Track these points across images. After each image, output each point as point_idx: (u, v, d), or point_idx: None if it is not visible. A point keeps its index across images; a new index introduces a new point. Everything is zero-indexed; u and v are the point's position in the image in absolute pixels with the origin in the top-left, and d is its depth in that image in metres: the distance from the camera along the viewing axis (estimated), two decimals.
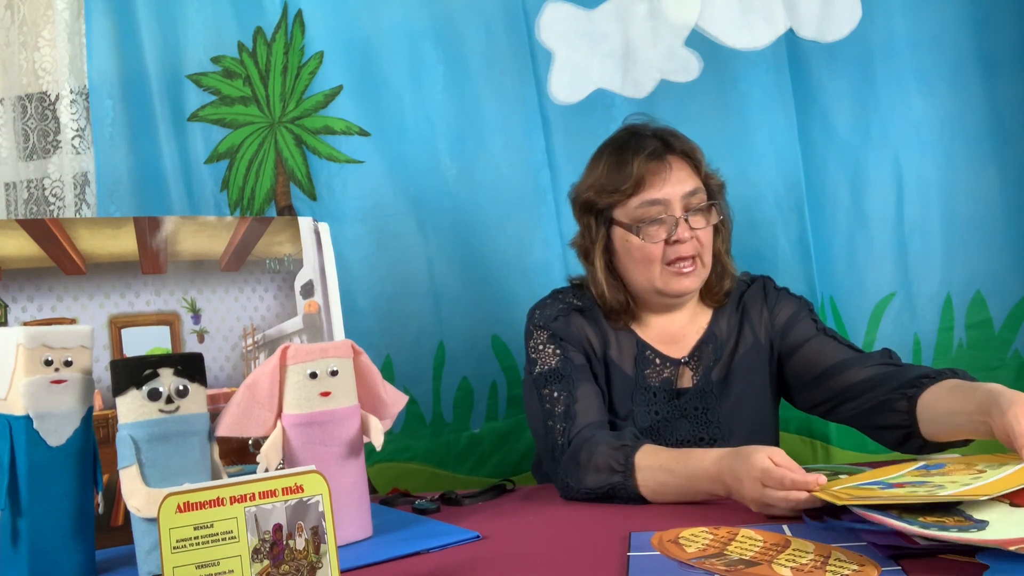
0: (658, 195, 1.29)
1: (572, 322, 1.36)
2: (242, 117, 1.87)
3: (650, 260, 1.31)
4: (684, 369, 1.35)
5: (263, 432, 0.98)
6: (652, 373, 1.34)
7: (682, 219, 1.29)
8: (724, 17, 1.72)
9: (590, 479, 1.15)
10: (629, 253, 1.33)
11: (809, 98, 1.70)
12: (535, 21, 1.79)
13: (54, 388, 0.89)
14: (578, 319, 1.36)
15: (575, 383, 1.30)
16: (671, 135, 1.36)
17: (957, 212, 1.67)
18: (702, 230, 1.31)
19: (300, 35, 1.84)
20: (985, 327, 1.66)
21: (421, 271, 1.82)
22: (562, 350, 1.33)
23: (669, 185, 1.30)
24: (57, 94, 1.93)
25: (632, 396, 1.33)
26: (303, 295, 1.27)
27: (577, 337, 1.35)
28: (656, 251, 1.30)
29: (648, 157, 1.31)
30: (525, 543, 0.94)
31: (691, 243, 1.30)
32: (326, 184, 1.84)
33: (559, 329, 1.35)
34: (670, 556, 0.79)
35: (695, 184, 1.32)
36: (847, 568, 0.71)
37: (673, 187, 1.30)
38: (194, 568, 0.66)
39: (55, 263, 1.09)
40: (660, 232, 1.30)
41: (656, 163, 1.31)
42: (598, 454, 1.16)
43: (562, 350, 1.33)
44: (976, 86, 1.65)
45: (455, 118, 1.81)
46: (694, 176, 1.33)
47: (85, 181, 1.92)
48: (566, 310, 1.38)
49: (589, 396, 1.29)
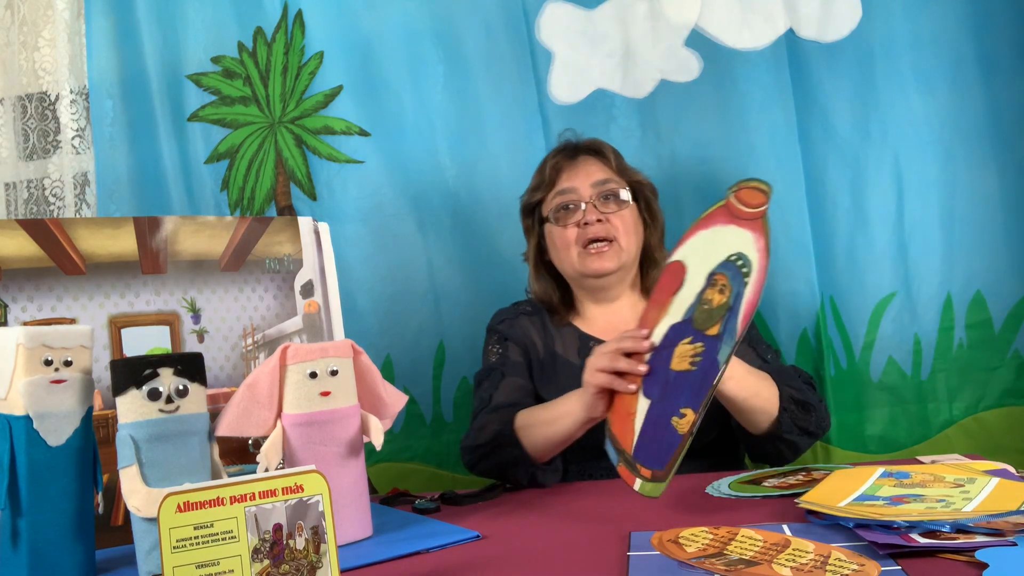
0: (567, 185, 1.45)
1: (517, 323, 1.51)
2: (242, 117, 1.87)
3: (567, 244, 1.44)
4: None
5: (263, 432, 0.98)
6: None
7: (591, 204, 1.43)
8: (724, 17, 1.72)
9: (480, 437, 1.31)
10: (553, 244, 1.48)
11: (809, 98, 1.70)
12: (535, 21, 1.79)
13: (54, 388, 0.89)
14: (524, 321, 1.51)
15: (503, 376, 1.44)
16: (589, 140, 1.52)
17: (957, 212, 1.66)
18: (613, 214, 1.43)
19: (300, 35, 1.84)
20: (985, 327, 1.66)
21: (421, 271, 1.82)
22: (503, 349, 1.48)
23: (577, 176, 1.46)
24: (57, 94, 1.93)
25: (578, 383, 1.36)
26: (303, 295, 1.27)
27: (520, 336, 1.49)
28: (571, 235, 1.43)
29: (560, 155, 1.49)
30: (525, 543, 0.94)
31: (602, 225, 1.42)
32: (326, 184, 1.84)
33: (504, 330, 1.51)
34: (670, 556, 0.79)
35: (605, 175, 1.46)
36: (847, 568, 0.71)
37: (581, 177, 1.45)
38: (194, 568, 0.66)
39: (55, 263, 1.09)
40: (572, 217, 1.44)
41: (567, 160, 1.49)
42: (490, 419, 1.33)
43: (503, 349, 1.48)
44: (976, 86, 1.65)
45: (455, 118, 1.81)
46: (605, 169, 1.47)
47: (85, 181, 1.92)
48: (514, 314, 1.54)
49: (510, 386, 1.42)
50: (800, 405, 1.24)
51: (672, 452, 1.00)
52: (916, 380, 1.68)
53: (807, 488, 1.00)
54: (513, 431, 1.27)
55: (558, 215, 1.45)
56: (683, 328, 1.03)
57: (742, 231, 1.02)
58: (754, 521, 0.91)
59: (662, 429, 1.02)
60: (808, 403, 1.25)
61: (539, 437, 1.24)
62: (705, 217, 1.06)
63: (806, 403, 1.25)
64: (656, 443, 1.02)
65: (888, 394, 1.69)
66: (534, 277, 1.54)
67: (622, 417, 1.06)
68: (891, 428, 1.68)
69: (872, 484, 0.96)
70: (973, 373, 1.66)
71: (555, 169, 1.47)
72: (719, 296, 1.02)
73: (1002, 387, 1.65)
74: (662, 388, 1.03)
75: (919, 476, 0.97)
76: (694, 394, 1.01)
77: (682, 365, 1.02)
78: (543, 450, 1.25)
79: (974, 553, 0.71)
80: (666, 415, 1.02)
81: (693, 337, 1.02)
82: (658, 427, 1.02)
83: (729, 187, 1.05)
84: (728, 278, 1.02)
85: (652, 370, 1.05)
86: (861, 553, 0.75)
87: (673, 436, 1.00)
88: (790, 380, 1.27)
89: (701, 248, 1.05)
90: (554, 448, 1.24)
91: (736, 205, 1.03)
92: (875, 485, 0.95)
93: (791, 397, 1.23)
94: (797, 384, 1.28)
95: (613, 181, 1.45)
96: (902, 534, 0.77)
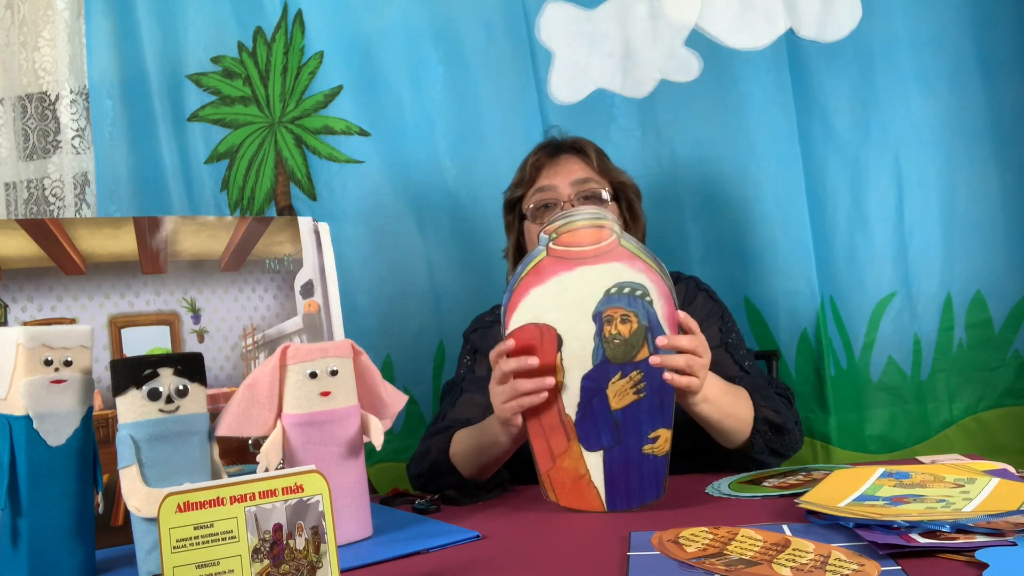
0: (547, 182, 1.43)
1: (491, 333, 1.47)
2: (242, 117, 1.88)
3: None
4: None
5: (263, 432, 0.98)
6: None
7: (569, 203, 1.39)
8: (724, 17, 1.72)
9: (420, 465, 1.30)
10: (531, 240, 1.44)
11: (809, 98, 1.70)
12: (535, 21, 1.79)
13: (54, 388, 0.89)
14: (498, 330, 1.44)
15: (461, 392, 1.41)
16: (572, 139, 1.49)
17: (957, 212, 1.67)
18: None
19: (300, 35, 1.84)
20: (985, 327, 1.66)
21: (421, 271, 1.82)
22: (472, 361, 1.47)
23: (557, 174, 1.43)
24: (57, 94, 1.93)
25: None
26: (303, 295, 1.27)
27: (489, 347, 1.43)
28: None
29: (542, 153, 1.47)
30: (525, 543, 0.94)
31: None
32: (326, 184, 1.84)
33: (476, 341, 1.49)
34: (670, 556, 0.79)
35: (586, 174, 1.43)
36: (847, 568, 0.71)
37: (561, 175, 1.42)
38: (194, 568, 0.66)
39: (55, 263, 1.09)
40: (549, 215, 1.39)
41: (548, 157, 1.46)
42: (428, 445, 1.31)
43: (472, 361, 1.47)
44: (976, 86, 1.65)
45: (455, 118, 1.81)
46: (586, 168, 1.44)
47: (85, 181, 1.92)
48: (488, 323, 1.51)
49: (465, 404, 1.38)
50: (774, 428, 1.21)
51: (662, 475, 1.03)
52: (916, 380, 1.68)
53: (807, 488, 1.00)
54: (448, 459, 1.26)
55: (536, 213, 1.42)
56: (602, 371, 1.03)
57: (596, 268, 1.03)
58: (754, 521, 0.91)
59: (636, 465, 1.03)
60: (783, 427, 1.22)
61: (472, 464, 1.24)
62: (531, 273, 1.04)
63: (780, 426, 1.22)
64: (638, 480, 1.03)
65: (888, 394, 1.69)
66: (510, 271, 1.52)
67: (569, 486, 1.05)
68: (891, 428, 1.68)
69: (872, 484, 0.96)
70: (973, 373, 1.66)
71: (536, 166, 1.45)
72: (625, 326, 1.02)
73: (1002, 387, 1.65)
74: (612, 432, 1.04)
75: (919, 476, 0.97)
76: (659, 414, 1.03)
77: (625, 400, 1.03)
78: (479, 472, 1.24)
79: (974, 553, 0.71)
80: (634, 450, 1.03)
81: (621, 372, 1.03)
82: (630, 465, 1.03)
83: (540, 233, 1.06)
84: (623, 308, 1.02)
85: (590, 423, 1.04)
86: (861, 553, 0.75)
87: (655, 461, 1.03)
88: (767, 399, 1.24)
89: (552, 302, 1.04)
90: (491, 469, 1.24)
91: (566, 251, 1.03)
92: (875, 485, 0.96)
93: (766, 419, 1.20)
94: (775, 404, 1.24)
95: (593, 180, 1.43)
96: (902, 534, 0.77)
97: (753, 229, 1.71)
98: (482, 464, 1.23)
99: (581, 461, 1.05)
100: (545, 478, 1.07)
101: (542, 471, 1.07)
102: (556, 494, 1.06)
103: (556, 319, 1.04)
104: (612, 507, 1.04)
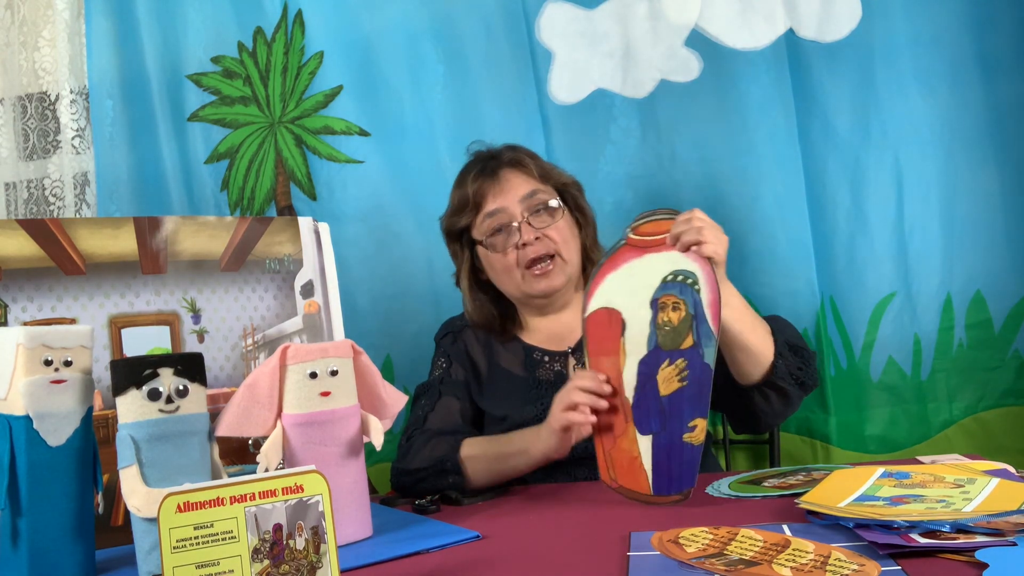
0: (494, 206, 1.37)
1: (461, 337, 1.46)
2: (242, 117, 1.87)
3: (508, 269, 1.37)
4: (571, 359, 1.39)
5: (263, 432, 0.98)
6: (543, 371, 1.39)
7: (524, 223, 1.35)
8: (724, 17, 1.72)
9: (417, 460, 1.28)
10: (492, 267, 1.41)
11: (809, 98, 1.70)
12: (535, 21, 1.79)
13: (54, 388, 0.89)
14: (468, 335, 1.46)
15: (440, 395, 1.39)
16: (505, 150, 1.44)
17: (957, 212, 1.67)
18: (548, 227, 1.36)
19: (300, 35, 1.84)
20: (985, 327, 1.66)
21: (421, 271, 1.82)
22: (448, 364, 1.44)
23: (503, 194, 1.37)
24: (57, 94, 1.93)
25: (523, 395, 1.37)
26: (303, 295, 1.27)
27: (461, 354, 1.44)
28: (510, 259, 1.36)
29: (479, 175, 1.40)
30: (525, 543, 0.94)
31: (541, 243, 1.35)
32: (326, 184, 1.84)
33: (446, 345, 1.47)
34: (670, 556, 0.79)
35: (531, 187, 1.38)
36: (847, 568, 0.71)
37: (507, 195, 1.37)
38: (194, 568, 0.66)
39: (55, 263, 1.09)
40: (507, 240, 1.36)
41: (487, 178, 1.39)
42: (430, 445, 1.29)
43: (448, 364, 1.44)
44: (976, 86, 1.65)
45: (455, 118, 1.81)
46: (530, 180, 1.39)
47: (85, 181, 1.92)
48: (459, 327, 1.48)
49: (445, 408, 1.37)
50: (795, 351, 1.20)
51: (696, 465, 1.06)
52: (916, 380, 1.68)
53: (807, 488, 1.00)
54: (458, 459, 1.25)
55: (493, 240, 1.37)
56: (654, 358, 1.07)
57: (660, 255, 1.07)
58: (754, 521, 0.91)
59: (678, 452, 1.06)
60: (804, 349, 1.22)
61: (486, 471, 1.24)
62: (608, 261, 1.11)
63: (802, 349, 1.21)
64: (678, 467, 1.06)
65: (888, 394, 1.69)
66: (470, 300, 1.45)
67: (626, 467, 1.09)
68: (891, 428, 1.68)
69: (872, 484, 0.96)
70: (973, 373, 1.66)
71: (479, 192, 1.38)
72: (676, 314, 1.06)
73: (1002, 387, 1.65)
74: (660, 418, 1.07)
75: (919, 476, 0.97)
76: (697, 403, 1.05)
77: (671, 387, 1.06)
78: (487, 482, 1.24)
79: (974, 553, 0.71)
80: (676, 437, 1.06)
81: (669, 359, 1.06)
82: (672, 452, 1.06)
83: (626, 227, 1.10)
84: (675, 295, 1.06)
85: (643, 407, 1.07)
86: (861, 553, 0.75)
87: (692, 451, 1.05)
88: (784, 327, 1.24)
89: (622, 287, 1.09)
90: (499, 481, 1.24)
91: (641, 239, 1.09)
92: (875, 485, 0.96)
93: (787, 342, 1.20)
94: (792, 331, 1.25)
95: (541, 191, 1.38)
96: (902, 534, 0.77)
97: (753, 229, 1.71)
98: (499, 472, 1.23)
99: (635, 443, 1.08)
100: (607, 457, 1.10)
101: (605, 449, 1.10)
102: (616, 472, 1.09)
103: (623, 304, 1.09)
104: (658, 491, 1.07)
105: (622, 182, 1.77)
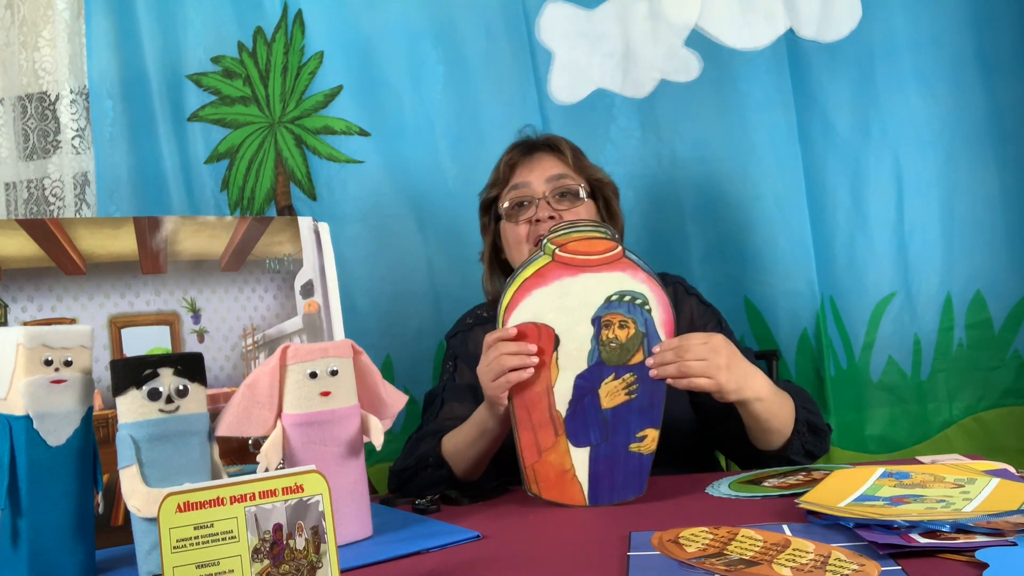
0: (521, 179, 1.41)
1: (470, 337, 1.46)
2: (242, 117, 1.88)
3: (519, 241, 1.39)
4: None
5: (263, 432, 0.98)
6: None
7: (543, 200, 1.38)
8: (724, 17, 1.72)
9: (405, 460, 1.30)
10: (507, 239, 1.43)
11: (809, 98, 1.70)
12: (535, 21, 1.79)
13: (54, 388, 0.89)
14: (478, 333, 1.44)
15: (443, 403, 1.39)
16: (546, 136, 1.49)
17: (957, 212, 1.67)
18: (567, 210, 1.38)
19: (300, 35, 1.84)
20: (985, 327, 1.66)
21: (421, 271, 1.82)
22: (454, 367, 1.44)
23: (532, 171, 1.41)
24: (57, 94, 1.93)
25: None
26: (303, 295, 1.27)
27: (470, 354, 1.43)
28: (522, 231, 1.39)
29: (516, 151, 1.46)
30: (525, 543, 0.94)
31: (554, 222, 1.34)
32: (326, 184, 1.84)
33: (455, 346, 1.47)
34: (670, 556, 0.79)
35: (561, 171, 1.41)
36: (847, 568, 0.71)
37: (535, 172, 1.41)
38: (194, 568, 0.66)
39: (55, 263, 1.09)
40: (525, 213, 1.39)
41: (522, 155, 1.44)
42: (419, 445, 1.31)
43: (454, 367, 1.44)
44: (976, 86, 1.66)
45: (455, 118, 1.81)
46: (561, 165, 1.42)
47: (85, 181, 1.92)
48: (468, 325, 1.49)
49: (447, 415, 1.37)
50: (812, 430, 1.21)
51: (646, 473, 1.07)
52: (916, 380, 1.68)
53: (807, 488, 1.00)
54: (439, 453, 1.26)
55: (511, 211, 1.41)
56: (595, 372, 1.07)
57: (598, 276, 1.06)
58: (754, 521, 0.91)
59: (622, 462, 1.07)
60: (821, 429, 1.22)
61: (463, 459, 1.24)
62: (535, 276, 1.07)
63: (819, 429, 1.22)
64: (622, 477, 1.07)
65: (888, 394, 1.69)
66: (488, 276, 1.50)
67: (553, 480, 1.09)
68: (891, 428, 1.68)
69: (872, 484, 0.96)
70: (973, 373, 1.66)
71: (509, 165, 1.44)
72: (623, 331, 1.06)
73: (1002, 387, 1.65)
74: (600, 430, 1.07)
75: (919, 476, 0.97)
76: (648, 414, 1.07)
77: (616, 400, 1.07)
78: (470, 468, 1.25)
79: (974, 553, 0.71)
80: (620, 448, 1.07)
81: (615, 373, 1.07)
82: (615, 463, 1.07)
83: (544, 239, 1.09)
84: (622, 314, 1.06)
85: (579, 420, 1.08)
86: (861, 553, 0.75)
87: (641, 460, 1.07)
88: (806, 401, 1.24)
89: (553, 305, 1.07)
90: (482, 464, 1.25)
91: (572, 257, 1.07)
92: (875, 485, 0.96)
93: (807, 421, 1.20)
94: (813, 407, 1.25)
95: (569, 177, 1.41)
96: (902, 534, 0.77)
97: (753, 229, 1.71)
98: (474, 457, 1.23)
99: (567, 456, 1.08)
100: (530, 471, 1.10)
101: (527, 464, 1.10)
102: (540, 487, 1.09)
103: (555, 320, 1.07)
104: (594, 502, 1.08)
105: (622, 182, 1.75)
